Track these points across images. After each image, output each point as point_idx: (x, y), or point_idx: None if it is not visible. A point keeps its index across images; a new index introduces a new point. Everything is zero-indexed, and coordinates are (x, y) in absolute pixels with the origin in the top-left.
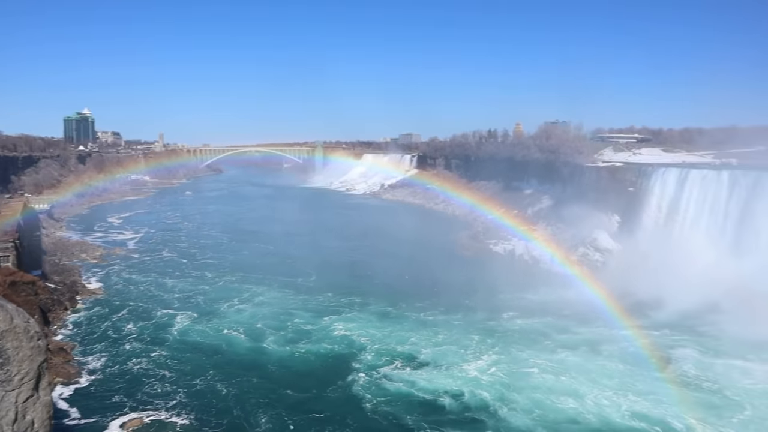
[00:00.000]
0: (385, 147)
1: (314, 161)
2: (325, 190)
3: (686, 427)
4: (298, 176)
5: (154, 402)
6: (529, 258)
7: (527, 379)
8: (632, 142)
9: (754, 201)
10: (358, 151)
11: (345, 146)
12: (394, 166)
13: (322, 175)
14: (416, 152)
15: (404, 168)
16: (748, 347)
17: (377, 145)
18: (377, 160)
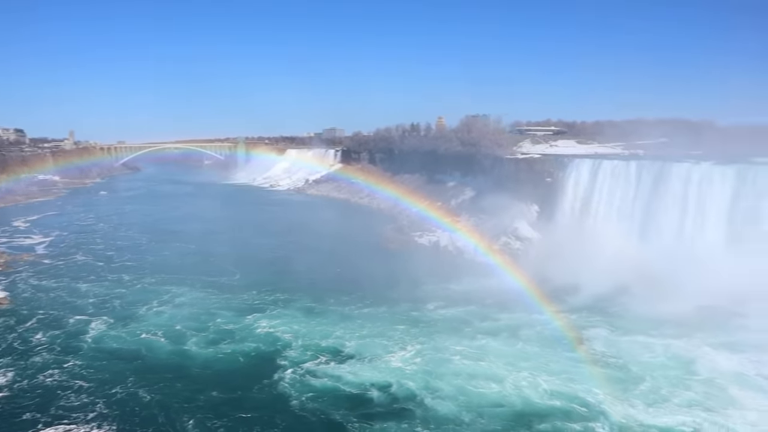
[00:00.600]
0: (308, 142)
1: (236, 157)
2: (249, 187)
3: (597, 402)
4: (220, 173)
5: (71, 415)
6: (454, 249)
7: (450, 367)
8: (549, 135)
9: (659, 189)
10: (281, 147)
11: (268, 142)
12: (319, 161)
13: (245, 172)
14: (340, 147)
15: (328, 163)
16: (651, 324)
17: (301, 140)
18: (301, 156)
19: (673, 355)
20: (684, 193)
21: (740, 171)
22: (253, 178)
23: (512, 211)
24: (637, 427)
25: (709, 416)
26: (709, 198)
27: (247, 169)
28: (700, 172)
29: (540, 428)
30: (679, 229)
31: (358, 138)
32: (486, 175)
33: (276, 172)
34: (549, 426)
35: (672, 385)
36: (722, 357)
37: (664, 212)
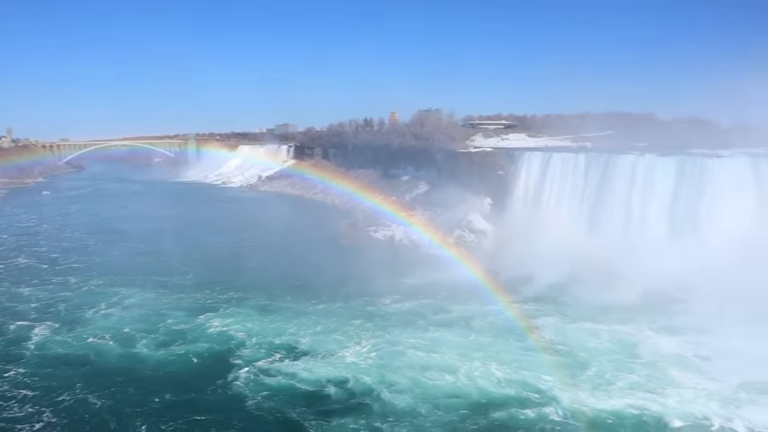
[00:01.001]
0: (261, 138)
1: (187, 154)
2: (200, 184)
3: (548, 388)
4: (170, 171)
5: (16, 427)
6: (409, 243)
7: (405, 360)
8: (500, 128)
9: (606, 180)
10: (233, 143)
11: (219, 138)
12: (271, 157)
13: (196, 169)
14: (293, 142)
15: (281, 159)
16: (598, 311)
17: (253, 136)
18: (253, 152)
19: (618, 341)
20: (630, 184)
21: (680, 162)
22: (204, 176)
23: (466, 204)
24: (588, 411)
25: (650, 397)
26: (653, 188)
27: (198, 166)
28: (644, 164)
29: (495, 417)
30: (625, 218)
31: (311, 133)
32: (439, 168)
33: (228, 168)
34: (504, 414)
35: (617, 369)
36: (663, 340)
37: (612, 202)
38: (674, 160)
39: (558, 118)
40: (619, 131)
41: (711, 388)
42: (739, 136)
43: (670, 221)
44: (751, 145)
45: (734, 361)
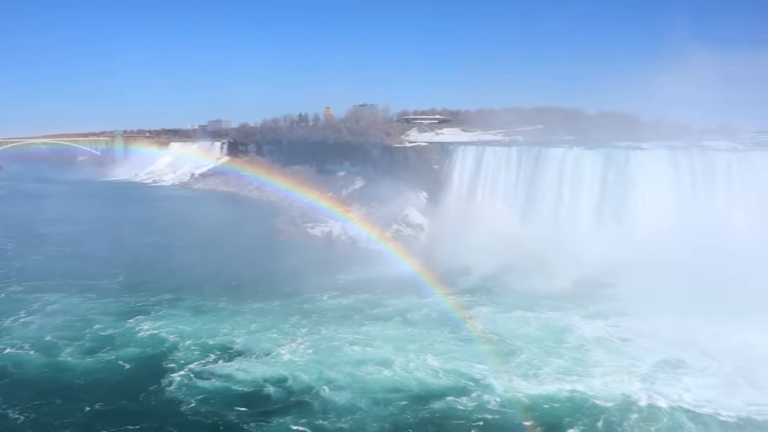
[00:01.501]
0: (193, 134)
1: (114, 152)
2: (130, 183)
3: (482, 377)
4: (97, 169)
5: None
6: (347, 238)
7: (342, 356)
8: (435, 123)
9: (537, 173)
10: (163, 140)
11: (149, 135)
12: (204, 154)
13: (125, 167)
14: (227, 139)
15: (215, 156)
16: (531, 300)
17: (184, 132)
18: (185, 149)
19: (547, 327)
20: (560, 176)
21: (606, 154)
22: (134, 174)
23: (402, 198)
24: (522, 397)
25: (578, 380)
26: (581, 180)
27: (126, 164)
28: (573, 156)
29: (435, 408)
30: (556, 209)
31: (245, 129)
32: (375, 164)
33: (159, 166)
34: (443, 404)
35: (546, 354)
36: (590, 325)
37: (543, 194)
38: (601, 152)
39: (490, 112)
40: (549, 125)
41: (631, 368)
42: (657, 130)
43: (598, 211)
44: (668, 138)
45: (652, 341)
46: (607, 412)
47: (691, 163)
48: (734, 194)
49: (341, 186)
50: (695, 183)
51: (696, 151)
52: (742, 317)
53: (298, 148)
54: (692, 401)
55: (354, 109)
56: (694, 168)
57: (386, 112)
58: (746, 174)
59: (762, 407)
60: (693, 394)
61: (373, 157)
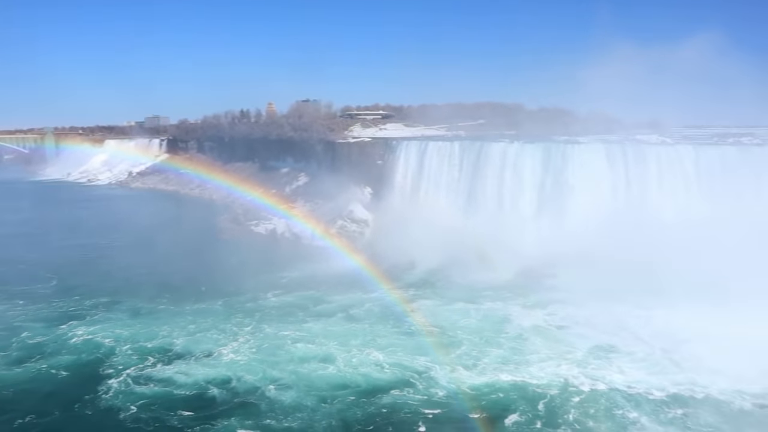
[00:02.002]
0: (129, 131)
1: (44, 151)
2: (62, 183)
3: (425, 369)
4: (26, 168)
5: None
6: (291, 235)
7: (286, 354)
8: (378, 119)
9: (480, 167)
10: (98, 137)
11: (82, 132)
12: (142, 152)
13: (56, 166)
14: (166, 136)
15: (153, 153)
16: (474, 292)
17: (120, 129)
18: (122, 146)
19: (488, 318)
20: (501, 170)
21: (546, 148)
22: (66, 173)
23: (347, 194)
24: (465, 387)
25: (517, 368)
26: (522, 173)
27: (58, 163)
28: (514, 151)
29: (381, 402)
30: (498, 202)
31: (185, 126)
32: (319, 159)
33: (94, 165)
34: (389, 398)
35: (487, 345)
36: (528, 315)
37: (485, 188)
38: (540, 147)
39: (433, 107)
40: (490, 120)
41: (567, 354)
42: (593, 125)
43: (538, 204)
44: (603, 132)
45: (587, 328)
46: (548, 397)
47: (625, 157)
48: (663, 185)
49: (285, 182)
50: (628, 175)
51: (629, 144)
52: (669, 302)
53: (240, 144)
54: (625, 383)
55: (297, 105)
56: (627, 161)
57: (329, 107)
58: (674, 166)
59: (687, 385)
60: (625, 375)
61: (317, 153)
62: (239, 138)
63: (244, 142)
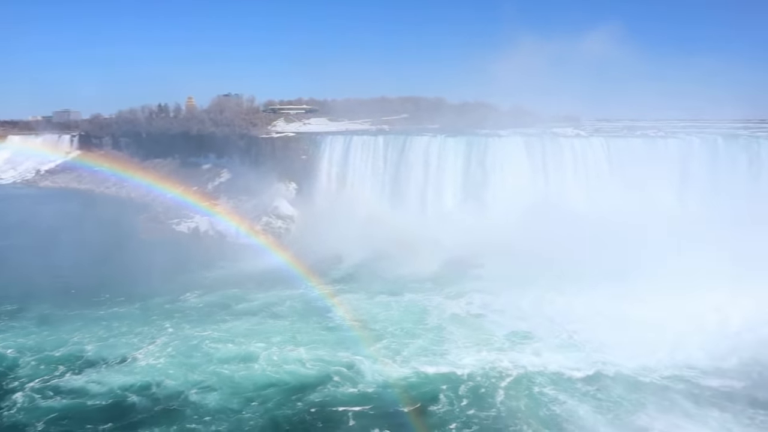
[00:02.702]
0: (36, 126)
1: None
2: None
3: (350, 363)
4: None
5: None
6: (215, 233)
7: (206, 356)
8: (302, 113)
9: (404, 161)
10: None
11: None
12: (51, 149)
13: None
14: (77, 131)
15: (64, 150)
16: (397, 284)
17: (25, 124)
18: (27, 143)
19: (410, 310)
20: (425, 164)
21: (468, 141)
22: None
23: (271, 190)
24: (390, 379)
25: (437, 357)
26: (445, 166)
27: None
28: (437, 144)
29: (309, 399)
30: (423, 195)
31: (99, 121)
32: (242, 155)
33: None
34: (317, 394)
35: (408, 336)
36: (448, 305)
37: (411, 182)
38: (463, 140)
39: (357, 102)
40: (414, 114)
41: (488, 341)
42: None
43: (462, 196)
44: (523, 125)
45: (505, 315)
46: (472, 384)
47: (543, 149)
48: (579, 176)
49: (207, 179)
50: (546, 167)
51: (547, 137)
52: (581, 288)
53: (159, 140)
54: (541, 364)
55: (218, 100)
56: (545, 153)
57: (252, 102)
58: (588, 157)
59: (597, 363)
60: (541, 358)
61: (240, 149)
62: (157, 133)
63: (162, 138)
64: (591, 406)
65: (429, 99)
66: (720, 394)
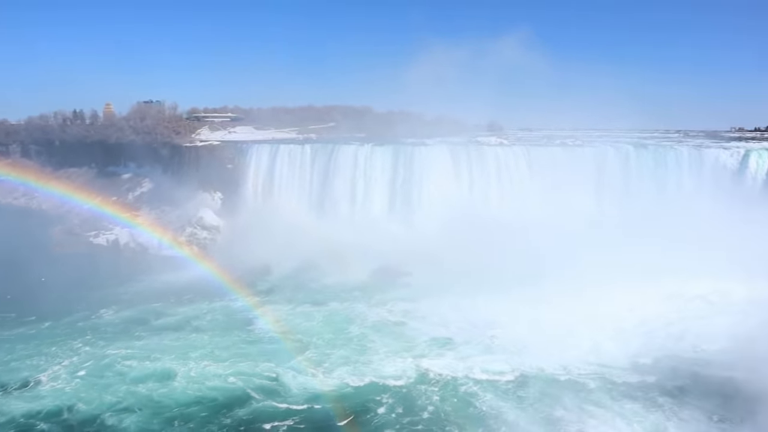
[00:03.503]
0: None
1: None
2: None
3: (271, 378)
4: None
5: None
6: (136, 245)
7: (120, 376)
8: (227, 121)
9: (331, 170)
10: None
11: None
12: None
13: None
14: None
15: None
16: (324, 294)
17: None
18: None
19: (333, 320)
20: (353, 172)
21: (395, 150)
22: None
23: (196, 200)
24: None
25: (358, 367)
26: (373, 175)
27: None
28: (364, 153)
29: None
30: (351, 205)
31: (5, 127)
32: (165, 164)
33: None
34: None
35: (331, 346)
36: (372, 313)
37: (339, 191)
38: (390, 149)
39: (283, 110)
40: (341, 123)
41: (409, 348)
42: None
43: (390, 204)
44: (449, 134)
45: (427, 322)
46: (398, 391)
47: (468, 157)
48: (502, 184)
49: (127, 189)
50: (471, 175)
51: (471, 146)
52: (502, 294)
53: (75, 148)
54: (465, 369)
55: (138, 106)
56: (471, 161)
57: (174, 109)
58: (511, 165)
59: (520, 366)
60: (465, 363)
61: (162, 157)
62: (73, 141)
63: (78, 146)
64: (513, 403)
65: (356, 108)
66: (632, 386)
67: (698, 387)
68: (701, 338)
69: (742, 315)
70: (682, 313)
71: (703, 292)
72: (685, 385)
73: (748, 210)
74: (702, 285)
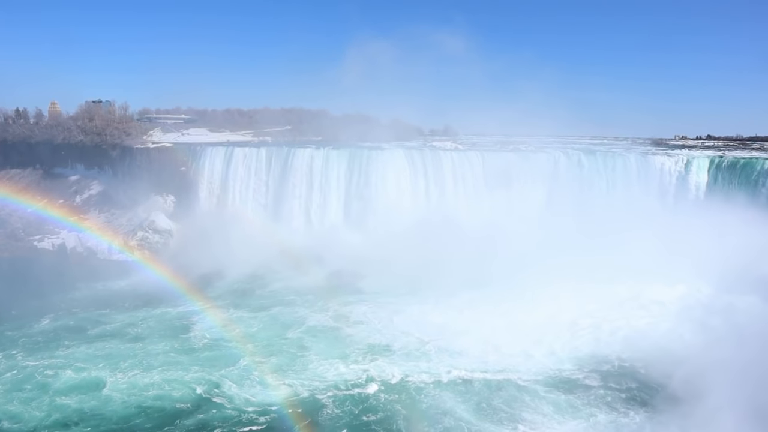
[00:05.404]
0: None
1: None
2: None
3: (207, 388)
4: None
5: None
6: (84, 250)
7: (43, 388)
8: (180, 123)
9: (288, 173)
10: None
11: None
12: None
13: None
14: None
15: None
16: (269, 300)
17: None
18: None
19: (273, 325)
20: (310, 176)
21: (351, 154)
22: None
23: (147, 203)
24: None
25: (297, 373)
26: (329, 178)
27: None
28: (321, 156)
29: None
30: (307, 208)
31: None
32: (115, 166)
33: None
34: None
35: (267, 354)
36: (315, 317)
37: (295, 194)
38: (346, 152)
39: (238, 112)
40: (297, 126)
41: (349, 354)
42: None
43: (346, 208)
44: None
45: (363, 330)
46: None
47: (423, 162)
48: (457, 188)
49: (74, 191)
50: (427, 179)
51: (427, 151)
52: (450, 297)
53: (17, 148)
54: (402, 372)
55: (86, 106)
56: (426, 166)
57: (125, 110)
58: (466, 170)
59: (460, 371)
60: (400, 368)
61: (112, 159)
62: (15, 141)
63: (21, 146)
64: (454, 402)
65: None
66: (577, 386)
67: (632, 387)
68: (635, 339)
69: (675, 318)
70: (622, 315)
71: (645, 294)
72: (619, 385)
73: (693, 215)
74: (642, 287)
